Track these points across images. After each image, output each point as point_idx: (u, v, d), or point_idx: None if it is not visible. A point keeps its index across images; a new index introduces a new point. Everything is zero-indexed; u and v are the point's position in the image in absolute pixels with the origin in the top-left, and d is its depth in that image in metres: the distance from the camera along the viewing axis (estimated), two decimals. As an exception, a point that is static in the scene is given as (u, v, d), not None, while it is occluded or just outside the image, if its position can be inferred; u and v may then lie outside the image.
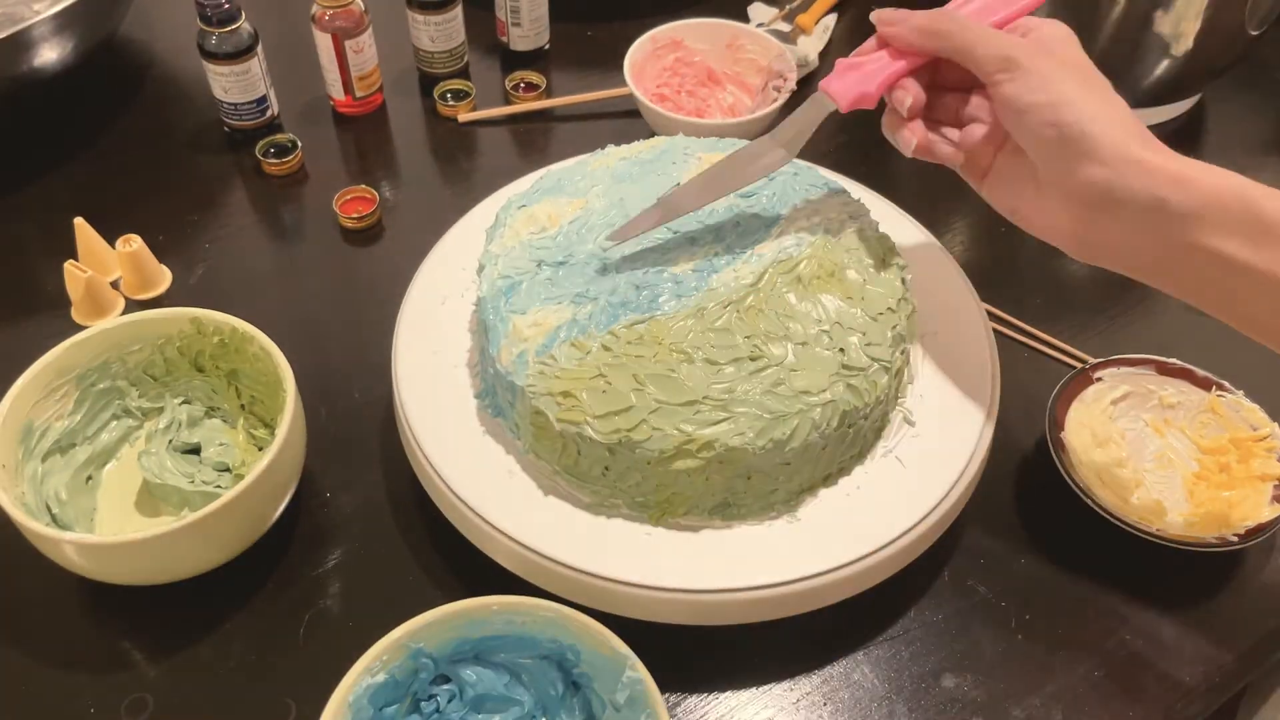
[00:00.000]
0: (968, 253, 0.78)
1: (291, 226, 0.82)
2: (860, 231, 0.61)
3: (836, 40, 0.98)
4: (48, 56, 0.80)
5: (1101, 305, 0.76)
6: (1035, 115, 0.50)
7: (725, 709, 0.57)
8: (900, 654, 0.58)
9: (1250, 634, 0.59)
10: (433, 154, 0.89)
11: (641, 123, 0.88)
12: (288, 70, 0.92)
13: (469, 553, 0.58)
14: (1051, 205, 0.52)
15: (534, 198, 0.64)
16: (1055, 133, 0.49)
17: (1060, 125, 0.49)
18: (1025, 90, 0.50)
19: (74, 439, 0.62)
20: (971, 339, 0.64)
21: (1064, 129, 0.49)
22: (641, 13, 0.98)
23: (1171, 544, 0.59)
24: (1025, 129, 0.51)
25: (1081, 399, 0.66)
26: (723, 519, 0.56)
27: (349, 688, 0.48)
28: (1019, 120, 0.50)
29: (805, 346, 0.55)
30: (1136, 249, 0.50)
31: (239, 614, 0.60)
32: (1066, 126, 0.49)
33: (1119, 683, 0.57)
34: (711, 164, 0.60)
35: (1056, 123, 0.49)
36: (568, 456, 0.55)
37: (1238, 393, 0.65)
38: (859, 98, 0.55)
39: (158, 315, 0.63)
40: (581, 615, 0.50)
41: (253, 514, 0.58)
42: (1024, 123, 0.50)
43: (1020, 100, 0.50)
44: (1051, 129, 0.49)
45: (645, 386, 0.53)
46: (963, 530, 0.63)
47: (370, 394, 0.70)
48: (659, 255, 0.59)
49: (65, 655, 0.58)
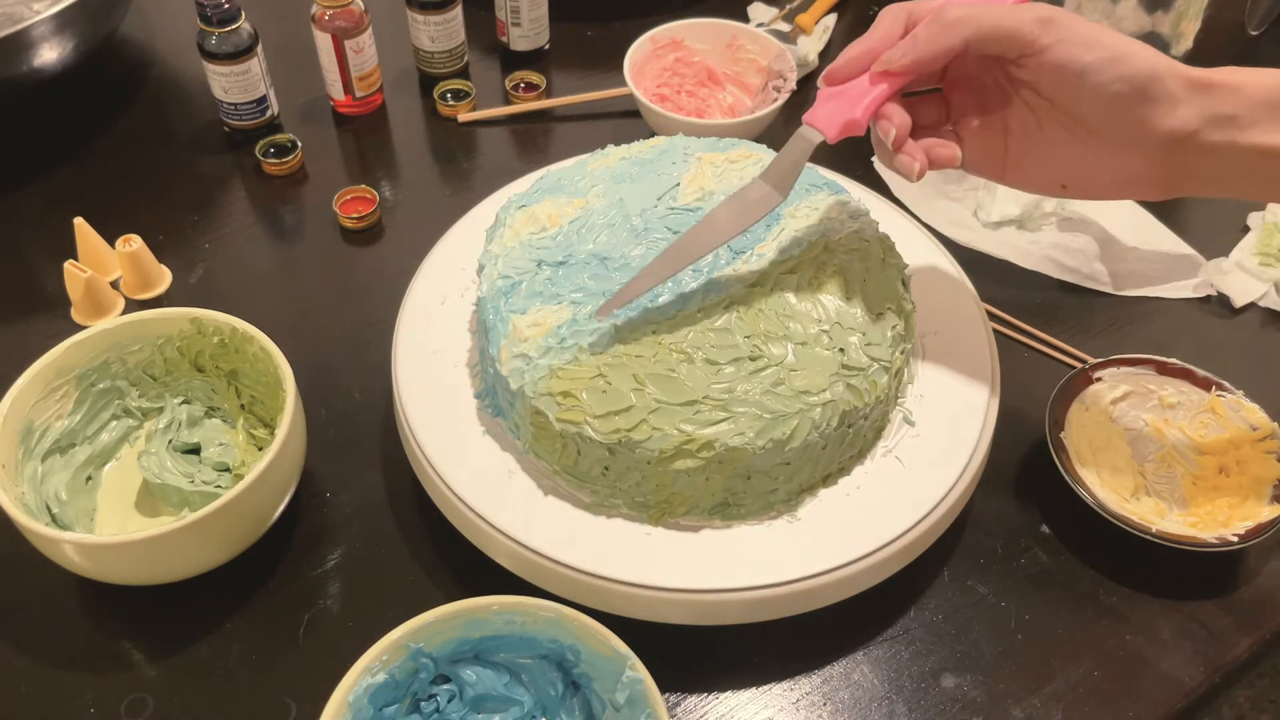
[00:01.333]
0: (968, 253, 0.78)
1: (291, 226, 0.82)
2: (860, 231, 0.61)
3: (836, 40, 0.98)
4: (48, 56, 0.80)
5: (1101, 305, 0.76)
6: (1100, 73, 0.48)
7: (725, 709, 0.57)
8: (900, 654, 0.58)
9: (1250, 634, 0.59)
10: (433, 154, 0.89)
11: (641, 123, 0.88)
12: (288, 70, 0.92)
13: (469, 553, 0.58)
14: (1115, 161, 0.50)
15: (534, 198, 0.64)
16: (1125, 85, 0.48)
17: (1130, 77, 0.48)
18: (1080, 49, 0.48)
19: (74, 439, 0.62)
20: (971, 339, 0.64)
21: (1135, 79, 0.48)
22: (641, 13, 0.98)
23: (1171, 544, 0.59)
24: (1087, 88, 0.49)
25: (1081, 399, 0.66)
26: (723, 519, 0.56)
27: (349, 688, 0.48)
28: (1079, 81, 0.49)
29: (805, 346, 0.55)
30: (1211, 168, 0.49)
31: (239, 614, 0.60)
32: (1137, 76, 0.47)
33: (1119, 683, 0.57)
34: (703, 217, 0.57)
35: (1125, 75, 0.48)
36: (568, 456, 0.55)
37: (1238, 393, 0.65)
38: (846, 126, 0.53)
39: (158, 315, 0.63)
40: (581, 615, 0.50)
41: (253, 514, 0.58)
42: (1085, 82, 0.48)
43: (1079, 60, 0.48)
44: (1121, 83, 0.48)
45: (645, 386, 0.53)
46: (963, 530, 0.63)
47: (370, 394, 0.70)
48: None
49: (65, 655, 0.58)
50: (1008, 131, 0.54)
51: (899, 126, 0.52)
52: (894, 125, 0.52)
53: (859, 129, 0.53)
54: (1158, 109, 0.48)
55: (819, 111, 0.53)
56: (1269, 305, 0.76)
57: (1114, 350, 0.70)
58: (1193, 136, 0.49)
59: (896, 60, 0.51)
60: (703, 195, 0.62)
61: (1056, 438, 0.63)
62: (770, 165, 0.55)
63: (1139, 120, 0.49)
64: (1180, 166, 0.50)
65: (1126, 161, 0.50)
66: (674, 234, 0.60)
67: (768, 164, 0.55)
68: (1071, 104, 0.50)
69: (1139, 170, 0.51)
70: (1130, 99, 0.48)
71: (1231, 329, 0.75)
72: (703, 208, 0.61)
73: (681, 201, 0.62)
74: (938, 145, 0.54)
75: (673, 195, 0.62)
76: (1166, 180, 0.51)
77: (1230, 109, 0.48)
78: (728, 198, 0.56)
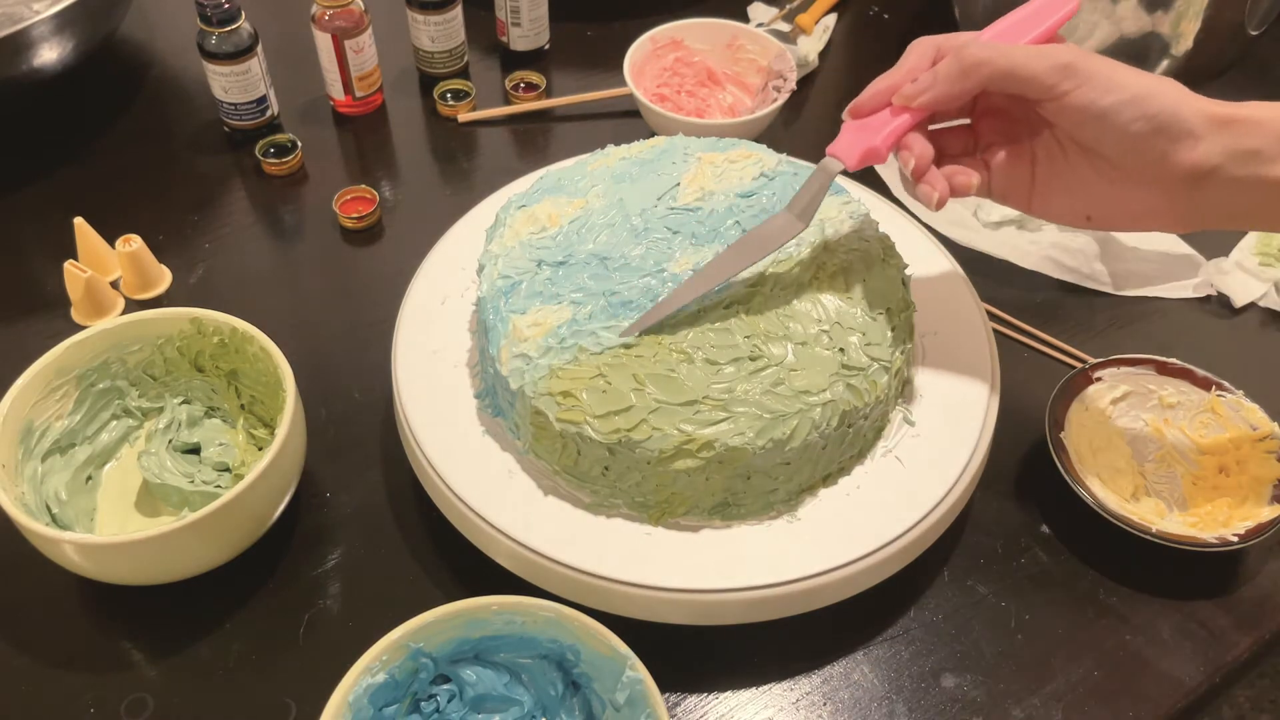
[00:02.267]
0: (968, 253, 0.78)
1: (291, 226, 0.82)
2: (860, 231, 0.61)
3: (836, 41, 0.98)
4: (48, 56, 0.80)
5: (1101, 305, 0.76)
6: (1119, 114, 0.48)
7: (725, 709, 0.57)
8: (900, 654, 0.58)
9: (1250, 634, 0.59)
10: (433, 154, 0.89)
11: (641, 123, 0.88)
12: (288, 70, 0.92)
13: (469, 553, 0.58)
14: (1138, 195, 0.51)
15: (534, 198, 0.64)
16: (1146, 124, 0.48)
17: (1151, 116, 0.48)
18: (1099, 93, 0.49)
19: (74, 439, 0.62)
20: (971, 339, 0.64)
21: (1156, 118, 0.48)
22: (641, 13, 0.98)
23: (1171, 544, 0.59)
24: (1108, 130, 0.49)
25: (1081, 399, 0.66)
26: (723, 519, 0.56)
27: (349, 688, 0.48)
28: (1099, 123, 0.49)
29: (805, 346, 0.55)
30: (1234, 202, 0.50)
31: (239, 614, 0.60)
32: (1158, 115, 0.48)
33: (1119, 683, 0.57)
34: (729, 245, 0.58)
35: (1146, 115, 0.48)
36: (568, 456, 0.55)
37: (1238, 393, 0.65)
38: (866, 154, 0.53)
39: (158, 315, 0.63)
40: (581, 615, 0.50)
41: (253, 514, 0.58)
42: (1106, 124, 0.49)
43: (1098, 104, 0.49)
44: (1142, 122, 0.48)
45: (645, 386, 0.53)
46: (963, 530, 0.63)
47: (370, 394, 0.70)
48: (659, 255, 0.59)
49: (65, 655, 0.58)
50: (1035, 162, 0.54)
51: (919, 157, 0.53)
52: (914, 155, 0.53)
53: (880, 158, 0.53)
54: (1179, 146, 0.48)
55: (840, 142, 0.54)
56: (1269, 305, 0.76)
57: (1114, 350, 0.70)
58: (1216, 171, 0.49)
59: (915, 96, 0.52)
60: (703, 195, 0.62)
61: (1056, 438, 0.63)
62: (796, 195, 0.56)
63: (1160, 157, 0.49)
64: (1204, 201, 0.50)
65: (1150, 196, 0.51)
66: (674, 234, 0.60)
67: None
68: (1093, 143, 0.51)
69: (1162, 204, 0.51)
70: (1151, 137, 0.49)
71: (1231, 329, 0.75)
72: (702, 208, 0.61)
73: (681, 201, 0.62)
74: (958, 173, 0.54)
75: (673, 195, 0.62)
76: (1190, 213, 0.51)
77: (1253, 144, 0.48)
78: (754, 228, 0.57)
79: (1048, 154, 0.54)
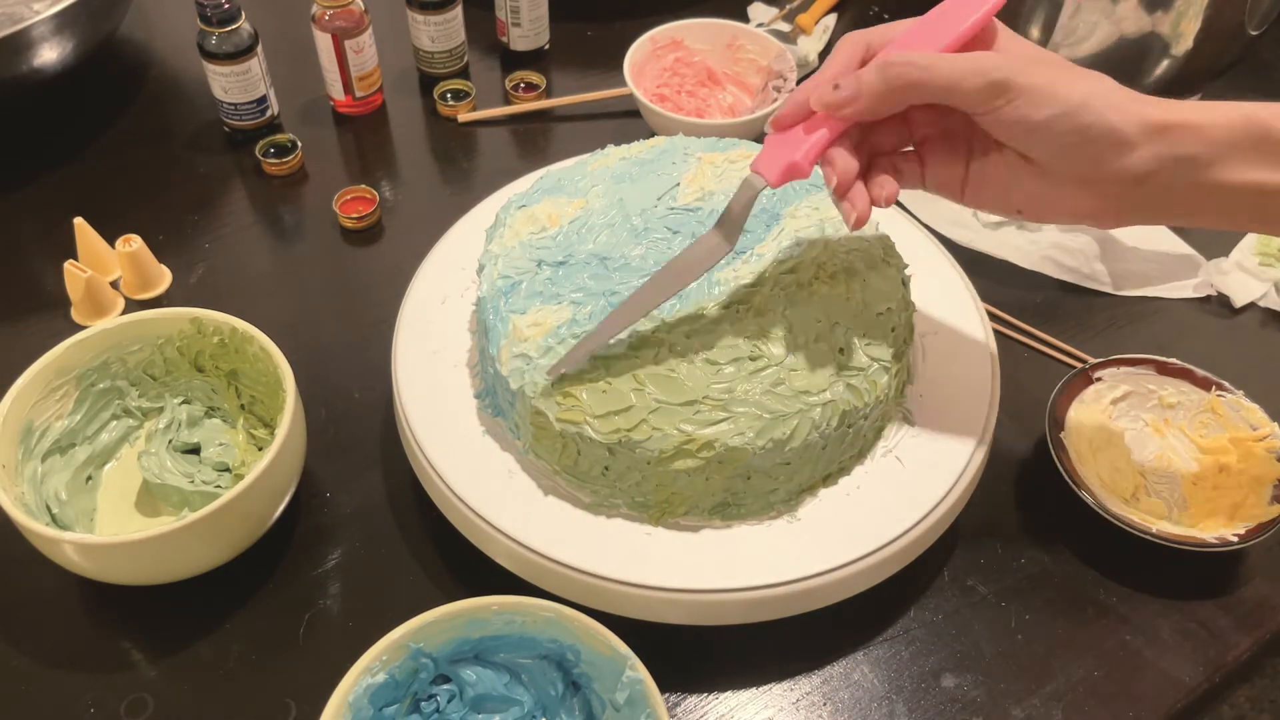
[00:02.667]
0: (968, 253, 0.78)
1: (291, 226, 0.82)
2: (860, 232, 0.61)
3: (836, 40, 0.98)
4: (48, 56, 0.80)
5: (1101, 305, 0.76)
6: (1051, 128, 0.48)
7: (725, 709, 0.57)
8: (900, 654, 0.58)
9: (1250, 634, 0.59)
10: (433, 154, 0.89)
11: (641, 123, 0.88)
12: (288, 70, 0.92)
13: (469, 553, 0.58)
14: (1069, 194, 0.50)
15: (534, 198, 0.64)
16: (1079, 137, 0.48)
17: (1083, 129, 0.47)
18: (1031, 108, 0.48)
19: (74, 439, 0.62)
20: (971, 339, 0.64)
21: (1088, 130, 0.47)
22: (641, 13, 0.98)
23: (1172, 544, 0.59)
24: (1040, 142, 0.49)
25: (1081, 399, 0.66)
26: (723, 519, 0.56)
27: (349, 688, 0.48)
28: (1031, 135, 0.49)
29: (805, 346, 0.55)
30: (1169, 203, 0.49)
31: (239, 614, 0.60)
32: (1090, 128, 0.47)
33: (1119, 683, 0.57)
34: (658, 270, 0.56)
35: (1079, 128, 0.47)
36: (568, 456, 0.55)
37: (1238, 393, 0.65)
38: (788, 169, 0.51)
39: (158, 315, 0.63)
40: (581, 615, 0.50)
41: (253, 514, 0.58)
42: (1038, 138, 0.49)
43: (1031, 119, 0.48)
44: (1074, 134, 0.48)
45: (645, 386, 0.53)
46: (963, 530, 0.63)
47: (370, 394, 0.70)
48: (659, 255, 0.59)
49: (65, 655, 0.58)
50: (970, 155, 0.53)
51: (841, 173, 0.51)
52: (836, 172, 0.51)
53: (803, 173, 0.51)
54: (1111, 154, 0.48)
55: (764, 157, 0.52)
56: (1269, 305, 0.76)
57: (1114, 350, 0.70)
58: (1150, 177, 0.48)
59: (837, 107, 0.50)
60: (702, 195, 0.62)
61: (1056, 438, 0.63)
62: (722, 215, 0.54)
63: (1093, 163, 0.48)
64: (1138, 200, 0.50)
65: (1082, 196, 0.50)
66: (674, 234, 0.60)
67: None
68: (1025, 149, 0.50)
69: (1095, 204, 0.50)
70: (1084, 146, 0.48)
71: (1231, 329, 0.76)
72: (702, 208, 0.61)
73: (681, 201, 0.62)
74: (882, 183, 0.52)
75: (673, 195, 0.62)
76: (1122, 212, 0.51)
77: (1189, 149, 0.47)
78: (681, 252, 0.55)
79: (983, 148, 0.53)
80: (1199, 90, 0.91)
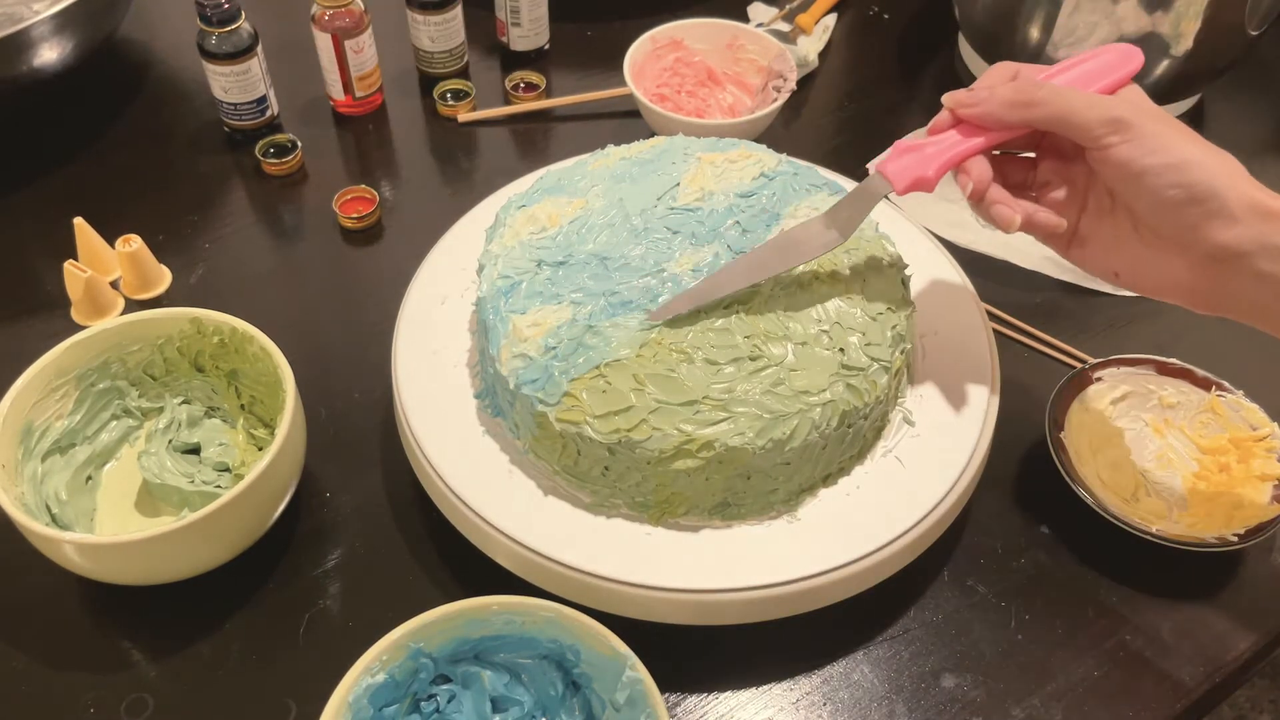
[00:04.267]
0: (968, 253, 0.78)
1: (291, 226, 0.82)
2: (860, 232, 0.61)
3: (836, 41, 0.98)
4: (48, 56, 0.80)
5: (1101, 305, 0.76)
6: (1158, 177, 0.48)
7: (725, 709, 0.57)
8: (900, 654, 0.58)
9: (1250, 634, 0.59)
10: (433, 154, 0.89)
11: (641, 123, 0.88)
12: (288, 70, 0.92)
13: (469, 553, 0.58)
14: (1166, 263, 0.51)
15: (534, 198, 0.64)
16: (1182, 193, 0.48)
17: (1188, 185, 0.47)
18: (1143, 152, 0.48)
19: (74, 439, 0.62)
20: (971, 339, 0.64)
21: (1193, 189, 0.47)
22: (641, 13, 0.98)
23: (1171, 544, 0.59)
24: (1145, 190, 0.49)
25: (1081, 399, 0.66)
26: (723, 519, 0.56)
27: (349, 688, 0.48)
28: (1137, 182, 0.49)
29: (805, 346, 0.55)
30: (1260, 296, 0.49)
31: (239, 614, 0.60)
32: (1195, 186, 0.47)
33: (1119, 683, 0.57)
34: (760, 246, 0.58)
35: (1183, 183, 0.48)
36: (568, 456, 0.55)
37: (1238, 393, 0.65)
38: (915, 182, 0.53)
39: (158, 315, 0.63)
40: (581, 615, 0.50)
41: (253, 514, 0.58)
42: (1144, 184, 0.49)
43: (1139, 162, 0.48)
44: (1178, 189, 0.48)
45: (645, 386, 0.53)
46: (963, 530, 0.63)
47: (370, 394, 0.70)
48: (659, 255, 0.59)
49: (65, 655, 0.58)
50: (1083, 209, 0.54)
51: (976, 180, 0.52)
52: (971, 179, 0.52)
53: (929, 186, 0.53)
54: (1212, 223, 0.48)
55: (891, 163, 0.54)
56: (1269, 305, 0.76)
57: (1114, 350, 0.70)
58: (1245, 258, 0.48)
59: (964, 105, 0.52)
60: (703, 195, 0.62)
61: (1056, 438, 0.63)
62: (836, 206, 0.56)
63: (1191, 226, 0.48)
64: (1230, 285, 0.49)
65: (1177, 266, 0.50)
66: (674, 234, 0.60)
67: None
68: (1130, 200, 0.50)
69: (1188, 278, 0.50)
70: (1184, 205, 0.48)
71: (1231, 329, 0.75)
72: (702, 208, 0.61)
73: (681, 201, 0.62)
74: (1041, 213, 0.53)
75: (673, 195, 0.62)
76: (1213, 295, 0.51)
77: None
78: (789, 230, 0.57)
79: (1097, 205, 0.54)
80: (1199, 90, 0.91)
